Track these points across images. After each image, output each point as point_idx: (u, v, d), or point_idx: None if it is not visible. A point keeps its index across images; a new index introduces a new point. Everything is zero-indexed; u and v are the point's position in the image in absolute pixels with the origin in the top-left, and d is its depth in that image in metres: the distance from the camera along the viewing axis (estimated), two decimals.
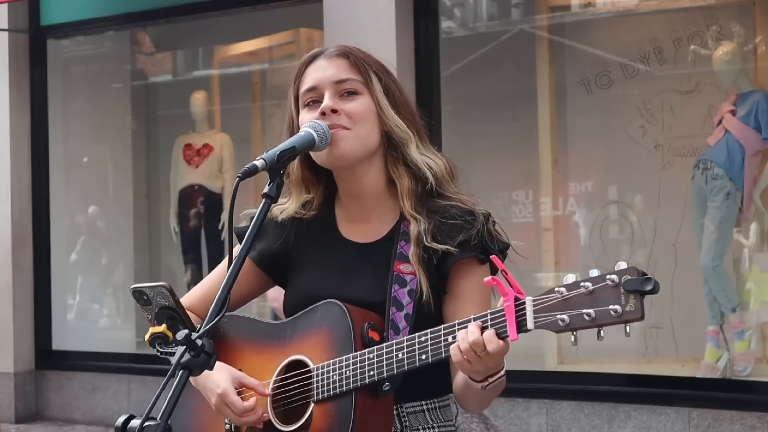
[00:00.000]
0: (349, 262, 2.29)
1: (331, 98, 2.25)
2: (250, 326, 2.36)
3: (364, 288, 2.24)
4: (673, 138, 6.72)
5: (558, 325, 1.85)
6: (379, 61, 2.31)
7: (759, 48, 6.63)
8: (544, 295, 1.88)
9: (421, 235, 2.20)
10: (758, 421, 5.90)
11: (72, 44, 9.20)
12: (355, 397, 2.11)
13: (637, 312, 1.79)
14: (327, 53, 2.32)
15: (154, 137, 9.39)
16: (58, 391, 8.41)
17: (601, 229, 7.09)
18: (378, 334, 2.15)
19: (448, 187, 2.28)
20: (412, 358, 2.05)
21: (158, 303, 2.11)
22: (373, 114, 2.25)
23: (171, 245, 9.04)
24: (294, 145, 2.20)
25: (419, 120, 2.31)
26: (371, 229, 2.30)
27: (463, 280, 2.20)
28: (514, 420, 6.51)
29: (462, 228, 2.19)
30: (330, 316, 2.18)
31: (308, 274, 2.33)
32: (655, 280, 1.80)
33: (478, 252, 2.19)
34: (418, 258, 2.20)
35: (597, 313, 1.81)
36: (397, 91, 2.28)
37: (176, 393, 1.98)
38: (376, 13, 6.86)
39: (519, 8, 7.90)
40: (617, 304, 1.80)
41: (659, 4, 7.21)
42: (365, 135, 2.24)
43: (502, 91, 7.54)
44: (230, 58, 9.24)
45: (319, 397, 2.16)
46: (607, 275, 1.82)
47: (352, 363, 2.12)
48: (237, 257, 2.12)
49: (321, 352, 2.18)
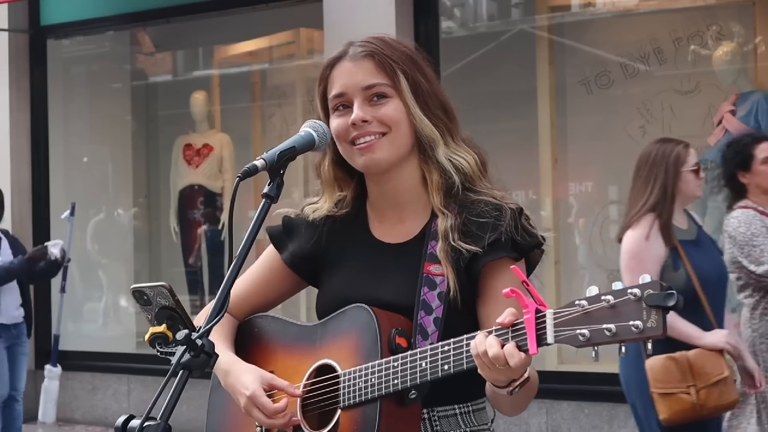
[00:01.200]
0: (380, 263, 2.25)
1: (360, 107, 2.19)
2: (283, 327, 2.33)
3: (394, 291, 2.20)
4: None
5: (578, 340, 1.80)
6: (406, 52, 2.23)
7: (759, 48, 6.63)
8: (565, 308, 1.82)
9: (448, 232, 2.16)
10: None
11: (72, 44, 9.20)
12: (380, 405, 2.08)
13: (658, 328, 1.74)
14: (352, 54, 2.22)
15: (154, 137, 9.39)
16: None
17: (601, 229, 7.10)
18: (405, 340, 2.12)
19: (479, 182, 2.22)
20: (435, 368, 2.02)
21: (158, 303, 2.11)
22: (404, 115, 2.19)
23: (171, 245, 9.04)
24: (294, 145, 2.19)
25: (450, 110, 2.24)
26: (403, 229, 2.26)
27: (495, 281, 2.14)
28: (514, 420, 6.51)
29: (490, 226, 2.14)
30: (358, 321, 2.15)
31: (340, 277, 2.29)
32: (678, 295, 1.74)
33: (508, 251, 2.14)
34: (446, 254, 2.15)
35: (618, 329, 1.77)
36: (426, 84, 2.20)
37: (176, 393, 1.98)
38: (376, 13, 6.87)
39: (519, 8, 7.90)
40: (639, 320, 1.75)
41: (659, 4, 7.22)
42: (399, 139, 2.19)
43: (502, 91, 7.54)
44: (230, 58, 9.24)
45: (345, 404, 2.13)
46: (629, 289, 1.76)
47: (377, 370, 2.08)
48: (237, 257, 2.11)
49: (349, 356, 2.15)
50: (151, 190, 9.29)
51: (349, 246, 2.30)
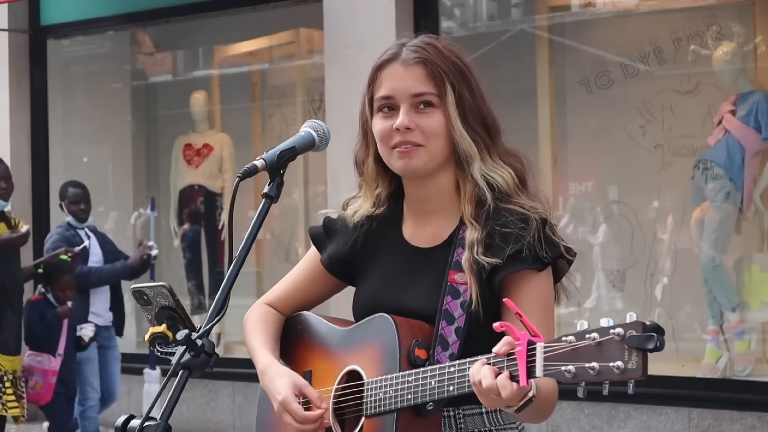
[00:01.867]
0: (408, 268, 2.28)
1: (407, 113, 2.20)
2: (322, 328, 2.38)
3: (419, 298, 2.23)
4: (673, 138, 6.72)
5: (565, 377, 1.79)
6: (456, 63, 2.23)
7: (759, 48, 6.63)
8: (554, 343, 1.82)
9: (474, 244, 2.17)
10: (758, 421, 5.91)
11: (72, 44, 9.20)
12: (397, 417, 2.12)
13: (638, 371, 1.72)
14: (404, 58, 2.22)
15: (154, 137, 9.39)
16: None
17: (601, 229, 7.09)
18: (425, 352, 2.15)
19: (514, 195, 2.23)
20: (441, 388, 2.05)
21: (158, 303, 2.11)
22: (444, 128, 2.21)
23: (171, 245, 9.04)
24: (294, 145, 2.20)
25: (491, 124, 2.26)
26: (433, 233, 2.28)
27: (516, 293, 2.15)
28: None
29: (513, 237, 2.15)
30: (381, 331, 2.19)
31: (370, 282, 2.33)
32: (659, 338, 1.73)
33: (529, 263, 2.14)
34: (470, 264, 2.16)
35: (601, 368, 1.75)
36: (470, 99, 2.22)
37: (176, 393, 1.98)
38: (376, 13, 6.86)
39: (519, 8, 7.90)
40: (620, 360, 1.73)
41: (659, 4, 7.21)
42: (437, 150, 2.21)
43: (502, 91, 7.53)
44: (230, 58, 9.24)
45: (368, 412, 2.17)
46: (613, 328, 1.75)
47: (394, 383, 2.12)
48: (237, 257, 2.11)
49: (373, 365, 2.20)
50: (151, 190, 9.28)
51: (382, 248, 2.33)
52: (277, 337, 2.41)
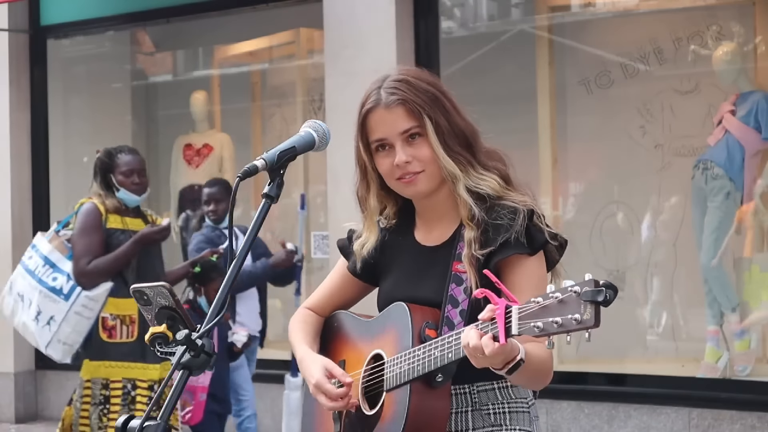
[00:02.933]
0: (420, 265, 2.58)
1: (402, 149, 2.49)
2: (353, 322, 2.69)
3: (429, 288, 2.52)
4: (673, 138, 6.72)
5: (534, 331, 2.05)
6: (429, 92, 2.52)
7: (759, 48, 6.63)
8: (527, 305, 2.09)
9: (471, 242, 2.47)
10: (758, 421, 5.91)
11: (72, 44, 9.20)
12: (410, 388, 2.40)
13: (591, 320, 1.99)
14: (385, 102, 2.50)
15: (154, 137, 9.39)
16: (58, 391, 8.41)
17: (601, 229, 7.09)
18: (435, 331, 2.43)
19: (505, 194, 2.53)
20: (443, 356, 2.32)
21: (158, 303, 2.11)
22: (433, 153, 2.50)
23: (171, 245, 9.04)
24: (294, 145, 2.22)
25: (470, 137, 2.54)
26: (439, 233, 2.58)
27: (512, 275, 2.44)
28: None
29: (504, 228, 2.45)
30: (398, 317, 2.49)
31: (389, 279, 2.64)
32: (608, 292, 1.98)
33: (520, 248, 2.44)
34: (469, 259, 2.46)
35: (563, 321, 2.01)
36: (446, 124, 2.51)
37: (176, 393, 1.98)
38: (376, 13, 6.86)
39: (519, 8, 7.90)
40: (578, 313, 2.00)
41: (659, 4, 7.21)
42: (434, 173, 2.51)
43: (502, 91, 7.54)
44: (230, 58, 9.24)
45: (388, 387, 2.45)
46: (571, 286, 2.02)
47: (406, 358, 2.40)
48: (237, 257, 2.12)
49: (392, 347, 2.48)
50: (150, 189, 9.27)
51: (398, 252, 2.64)
52: (314, 334, 2.74)
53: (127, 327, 5.42)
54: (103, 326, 5.44)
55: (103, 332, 5.43)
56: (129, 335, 5.40)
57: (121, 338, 5.40)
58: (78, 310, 5.41)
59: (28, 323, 5.54)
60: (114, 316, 5.42)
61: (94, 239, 5.44)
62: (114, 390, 5.38)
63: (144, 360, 5.34)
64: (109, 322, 5.43)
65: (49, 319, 5.48)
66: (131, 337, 5.39)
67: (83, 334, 5.46)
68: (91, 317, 5.43)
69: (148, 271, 5.48)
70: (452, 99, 2.57)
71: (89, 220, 5.49)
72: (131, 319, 5.40)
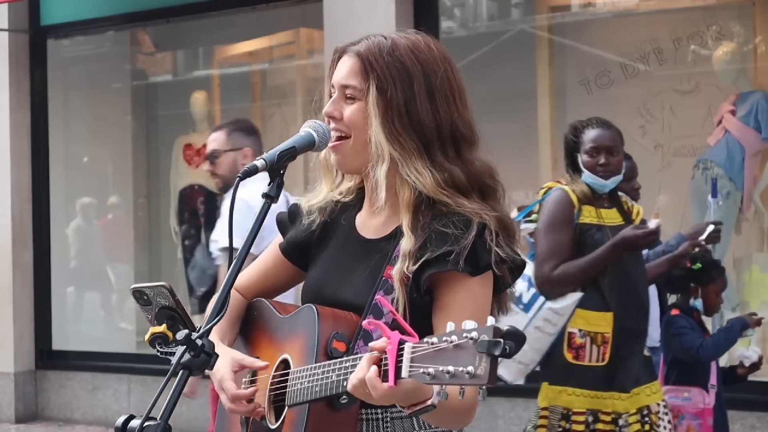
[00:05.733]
0: (351, 258, 2.26)
1: (333, 102, 2.22)
2: (269, 315, 2.37)
3: (354, 290, 2.20)
4: (673, 138, 6.73)
5: (425, 378, 1.71)
6: (405, 63, 2.17)
7: (759, 48, 6.63)
8: (420, 344, 1.75)
9: (407, 257, 2.12)
10: (758, 421, 5.90)
11: (72, 44, 9.20)
12: (308, 409, 2.10)
13: (484, 377, 1.64)
14: (350, 49, 2.22)
15: (154, 137, 9.39)
16: (58, 391, 8.42)
17: None
18: (344, 344, 2.11)
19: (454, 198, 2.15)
20: (339, 381, 2.01)
21: (158, 303, 2.11)
22: (365, 123, 2.19)
23: (171, 245, 9.04)
24: (294, 145, 2.20)
25: (432, 134, 2.16)
26: (379, 225, 2.26)
27: (446, 293, 2.10)
28: (514, 420, 6.51)
29: (450, 238, 2.09)
30: (307, 322, 2.17)
31: (316, 268, 2.32)
32: (507, 344, 1.65)
33: (459, 265, 2.07)
34: (400, 275, 2.12)
35: (455, 372, 1.67)
36: (403, 102, 2.15)
37: (176, 393, 1.98)
38: (376, 13, 6.87)
39: (519, 8, 7.90)
40: (471, 365, 1.66)
41: (659, 4, 7.22)
42: (360, 144, 2.19)
43: (502, 91, 7.54)
44: (230, 58, 9.24)
45: (289, 402, 2.16)
46: (467, 332, 1.68)
47: (307, 375, 2.10)
48: (237, 257, 2.12)
49: (299, 355, 2.19)
50: (151, 190, 9.29)
51: (335, 235, 2.32)
52: (233, 319, 2.39)
53: (598, 348, 4.30)
54: (570, 344, 4.34)
55: (569, 351, 4.34)
56: (600, 358, 4.29)
57: (590, 361, 4.30)
58: (539, 324, 4.34)
59: None
60: (583, 332, 4.31)
61: (562, 238, 4.32)
62: (576, 423, 4.32)
63: (611, 388, 4.28)
64: (577, 339, 4.33)
65: None
66: (602, 361, 4.29)
67: (542, 352, 4.39)
68: (554, 333, 4.34)
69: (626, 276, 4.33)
70: (437, 86, 2.17)
71: (558, 211, 4.36)
72: (603, 338, 4.29)
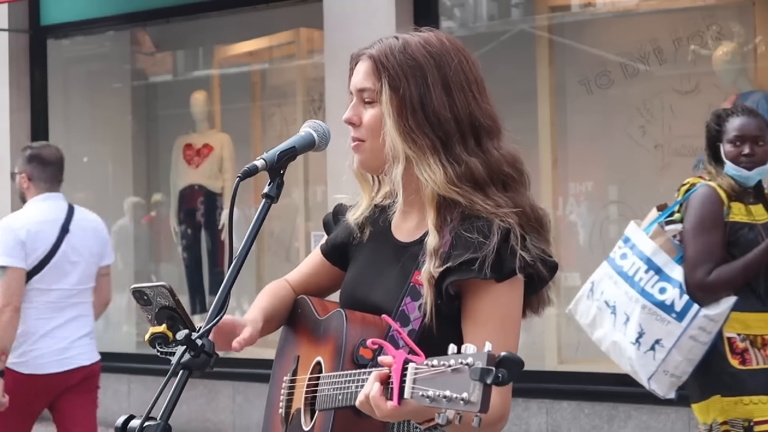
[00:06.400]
0: (384, 261, 2.24)
1: (353, 107, 2.22)
2: (309, 314, 2.35)
3: (385, 294, 2.19)
4: (673, 138, 6.73)
5: (425, 401, 1.70)
6: (416, 59, 2.17)
7: (759, 48, 6.64)
8: (422, 365, 1.74)
9: (433, 255, 2.10)
10: None
11: (72, 44, 9.20)
12: (334, 416, 2.10)
13: (477, 405, 1.62)
14: (365, 54, 2.23)
15: (154, 137, 9.39)
16: None
17: (601, 229, 7.10)
18: (371, 352, 2.09)
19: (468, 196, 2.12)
20: (356, 393, 1.97)
21: (158, 303, 2.11)
22: (382, 125, 2.18)
23: (171, 245, 9.04)
24: (294, 145, 2.20)
25: (451, 128, 2.15)
26: (412, 228, 2.24)
27: (471, 300, 2.09)
28: (514, 420, 6.51)
29: (473, 244, 2.06)
30: (337, 327, 2.17)
31: (352, 271, 2.33)
32: (500, 372, 1.63)
33: (482, 272, 2.04)
34: (428, 275, 2.10)
35: (452, 397, 1.66)
36: (417, 97, 2.14)
37: (176, 393, 1.98)
38: (376, 13, 6.87)
39: (519, 8, 7.90)
40: (465, 392, 1.64)
41: (659, 4, 7.22)
42: (379, 147, 2.18)
43: (502, 91, 7.54)
44: (230, 58, 9.24)
45: (319, 407, 2.16)
46: (463, 357, 1.66)
47: (333, 382, 2.10)
48: (237, 257, 2.12)
49: (329, 359, 2.18)
50: (151, 190, 9.29)
51: (372, 238, 2.31)
52: (278, 306, 2.39)
53: (758, 350, 4.03)
54: (732, 350, 4.04)
55: (734, 357, 4.03)
56: (765, 360, 4.02)
57: (757, 364, 4.01)
58: (693, 333, 4.00)
59: (623, 345, 4.17)
60: (743, 336, 4.02)
61: (714, 239, 4.03)
62: None
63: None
64: (739, 343, 4.03)
65: (654, 344, 4.08)
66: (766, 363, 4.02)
67: (695, 363, 4.06)
68: (707, 342, 4.02)
69: None
70: (452, 77, 2.17)
71: (708, 210, 4.08)
72: (764, 340, 4.03)
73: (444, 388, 1.67)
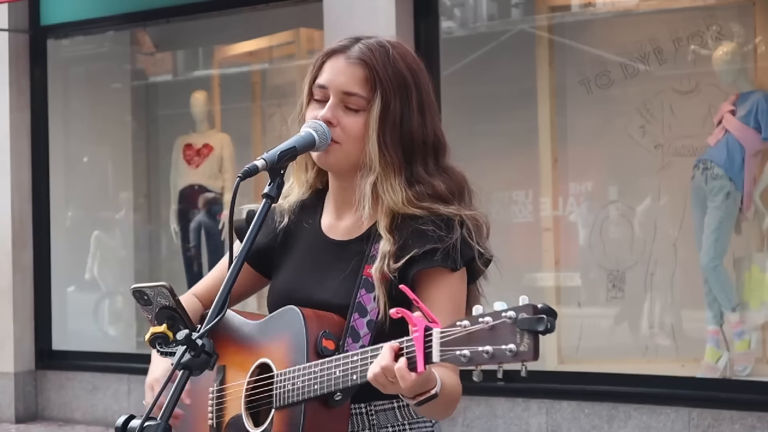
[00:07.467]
0: (323, 261, 2.29)
1: (332, 107, 2.23)
2: (236, 323, 2.37)
3: (332, 291, 2.24)
4: (673, 138, 6.73)
5: (461, 360, 1.79)
6: (403, 74, 2.24)
7: (759, 48, 6.63)
8: (450, 328, 1.82)
9: (386, 256, 2.18)
10: (758, 421, 5.91)
11: (72, 44, 9.20)
12: (304, 408, 2.13)
13: (529, 353, 1.73)
14: (350, 54, 2.24)
15: (154, 137, 9.39)
16: (58, 391, 8.41)
17: (601, 229, 7.09)
18: (333, 342, 2.15)
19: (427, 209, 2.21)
20: (346, 376, 2.04)
21: (158, 303, 2.12)
22: (363, 134, 2.22)
23: (171, 245, 9.04)
24: (294, 145, 2.21)
25: (417, 148, 2.23)
26: (349, 227, 2.29)
27: (430, 290, 2.17)
28: (514, 420, 6.51)
29: (431, 237, 2.16)
30: (290, 323, 2.19)
31: (285, 273, 2.34)
32: (549, 320, 1.72)
33: (442, 261, 2.15)
34: (380, 274, 2.17)
35: (495, 351, 1.75)
36: (400, 114, 2.21)
37: (176, 393, 1.98)
38: (376, 13, 6.86)
39: (519, 8, 7.90)
40: (512, 343, 1.74)
41: (659, 4, 7.21)
42: (354, 153, 2.22)
43: (502, 91, 7.54)
44: (230, 58, 9.24)
45: (278, 404, 2.17)
46: (504, 311, 1.76)
47: (301, 375, 2.12)
48: (237, 257, 2.12)
49: (283, 357, 2.19)
50: (151, 190, 9.29)
51: (300, 239, 2.34)
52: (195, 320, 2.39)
53: None
54: None
55: None
56: None
57: None
58: None
59: None
60: None
61: None
62: None
63: None
64: None
65: None
66: None
67: None
68: None
69: None
70: (425, 97, 2.26)
71: None
72: None
73: (484, 344, 1.76)
